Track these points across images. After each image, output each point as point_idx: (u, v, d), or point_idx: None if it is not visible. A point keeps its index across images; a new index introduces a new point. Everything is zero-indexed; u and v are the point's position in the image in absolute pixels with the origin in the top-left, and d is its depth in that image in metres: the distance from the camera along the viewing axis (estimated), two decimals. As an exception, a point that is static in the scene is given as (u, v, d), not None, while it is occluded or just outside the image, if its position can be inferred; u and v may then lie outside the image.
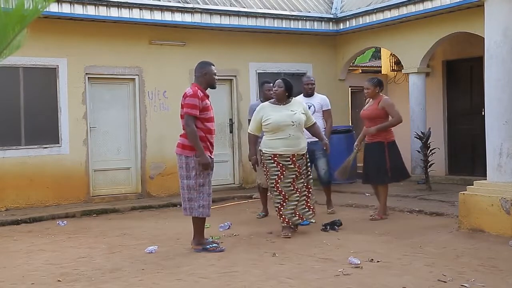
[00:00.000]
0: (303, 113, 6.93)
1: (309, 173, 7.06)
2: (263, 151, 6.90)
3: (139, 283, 5.02)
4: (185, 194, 6.18)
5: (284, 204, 6.82)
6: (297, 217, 6.91)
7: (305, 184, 6.97)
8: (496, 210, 6.57)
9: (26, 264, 5.87)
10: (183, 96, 6.17)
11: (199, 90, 6.14)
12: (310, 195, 7.02)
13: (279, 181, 6.79)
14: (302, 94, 8.53)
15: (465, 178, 10.75)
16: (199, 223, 6.22)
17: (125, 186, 10.73)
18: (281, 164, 6.78)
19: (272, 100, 7.09)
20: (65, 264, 5.79)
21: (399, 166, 7.98)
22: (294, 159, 6.81)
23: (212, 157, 6.24)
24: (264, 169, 6.99)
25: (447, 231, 6.97)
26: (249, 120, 8.48)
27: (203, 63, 6.36)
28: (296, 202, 6.85)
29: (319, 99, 8.49)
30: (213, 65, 6.39)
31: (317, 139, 7.54)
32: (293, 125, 6.77)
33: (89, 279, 5.16)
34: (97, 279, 5.17)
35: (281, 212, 6.84)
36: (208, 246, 6.15)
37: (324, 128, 8.29)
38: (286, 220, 6.85)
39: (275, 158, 6.79)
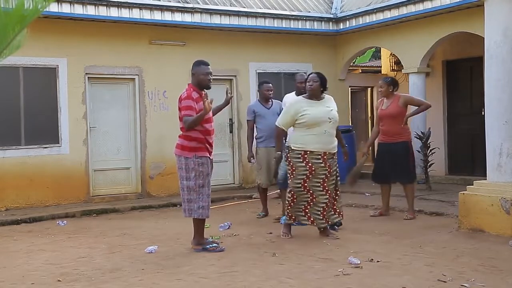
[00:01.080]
0: (337, 111, 6.68)
1: (337, 174, 6.70)
2: (292, 147, 6.52)
3: (139, 283, 5.02)
4: (184, 195, 6.17)
5: (312, 203, 6.51)
6: (324, 221, 6.57)
7: (335, 186, 6.65)
8: (496, 210, 6.57)
9: (26, 264, 5.87)
10: (178, 100, 6.18)
11: (193, 92, 6.12)
12: (337, 197, 6.70)
13: (307, 180, 6.45)
14: (293, 92, 8.06)
15: (465, 178, 10.77)
16: (198, 224, 6.21)
17: (125, 186, 10.73)
18: (310, 164, 6.43)
19: (305, 94, 6.73)
20: (65, 264, 5.79)
21: (414, 165, 8.22)
22: (325, 157, 6.46)
23: (212, 157, 6.25)
24: (289, 168, 6.59)
25: (447, 231, 6.97)
26: (248, 121, 8.48)
27: (195, 63, 6.28)
28: (323, 205, 6.50)
29: None
30: (206, 64, 6.20)
31: None
32: (330, 121, 6.49)
33: (89, 279, 5.15)
34: (97, 279, 5.17)
35: (307, 210, 6.53)
36: (208, 246, 6.15)
37: None
38: (312, 219, 6.55)
39: (305, 156, 6.44)
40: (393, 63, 13.37)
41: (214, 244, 6.21)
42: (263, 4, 11.70)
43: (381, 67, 15.06)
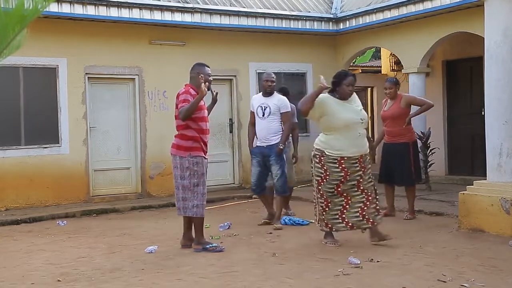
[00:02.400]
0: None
1: (370, 172, 6.31)
2: (327, 153, 6.10)
3: (139, 283, 5.02)
4: (179, 194, 6.20)
5: (348, 206, 6.15)
6: (365, 221, 6.18)
7: (372, 184, 6.28)
8: (496, 210, 6.57)
9: (26, 264, 5.87)
10: (176, 97, 6.21)
11: (191, 89, 6.18)
12: (377, 196, 6.33)
13: (341, 185, 6.11)
14: (261, 93, 7.85)
15: (465, 178, 10.78)
16: (198, 223, 6.22)
17: (125, 186, 10.73)
18: (346, 169, 6.08)
19: (332, 93, 6.24)
20: (65, 264, 5.79)
21: (420, 166, 8.15)
22: (361, 160, 6.15)
23: (207, 157, 6.27)
24: (322, 172, 6.15)
25: (447, 231, 6.97)
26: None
27: (196, 64, 6.36)
28: (361, 204, 6.15)
29: (277, 100, 7.59)
30: (208, 66, 6.32)
31: (273, 143, 7.39)
32: (362, 122, 6.16)
33: (89, 279, 5.16)
34: (97, 279, 5.17)
35: (343, 216, 6.15)
36: (208, 246, 6.15)
37: (281, 131, 7.51)
38: (350, 224, 6.17)
39: (341, 161, 6.07)
40: (393, 63, 13.37)
41: (214, 244, 6.21)
42: (263, 4, 11.70)
43: (381, 67, 15.05)
